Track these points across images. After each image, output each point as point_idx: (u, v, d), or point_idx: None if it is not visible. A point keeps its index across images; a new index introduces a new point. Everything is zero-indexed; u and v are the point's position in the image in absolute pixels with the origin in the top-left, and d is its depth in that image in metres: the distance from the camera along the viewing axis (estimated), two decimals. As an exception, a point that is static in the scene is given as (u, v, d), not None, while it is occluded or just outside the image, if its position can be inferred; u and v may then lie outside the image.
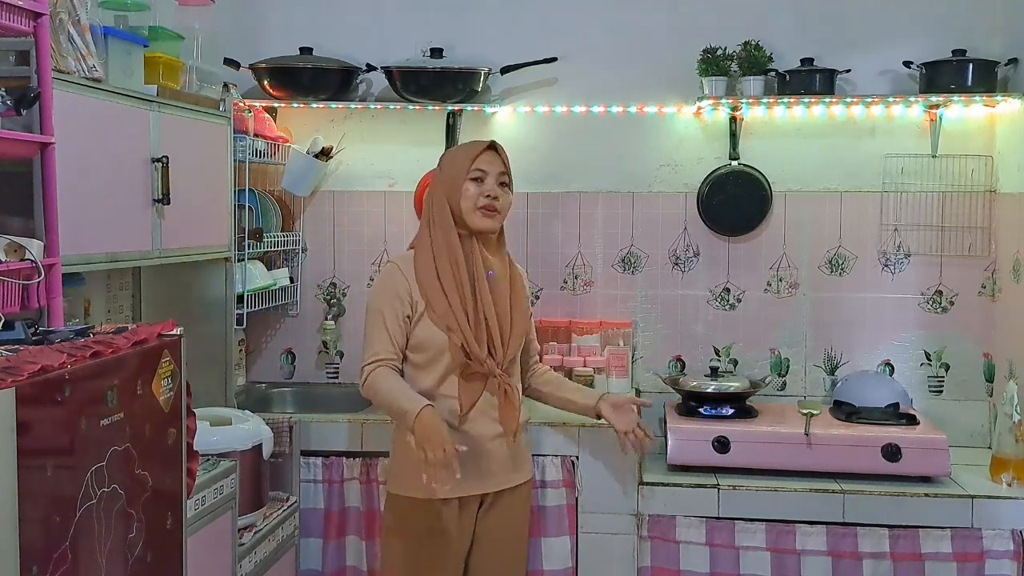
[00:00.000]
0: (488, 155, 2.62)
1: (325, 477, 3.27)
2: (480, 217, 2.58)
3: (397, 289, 2.58)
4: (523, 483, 2.69)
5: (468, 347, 2.53)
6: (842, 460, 3.13)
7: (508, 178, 2.64)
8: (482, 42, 3.67)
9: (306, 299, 3.85)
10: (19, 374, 1.47)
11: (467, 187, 2.58)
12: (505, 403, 2.58)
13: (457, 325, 2.54)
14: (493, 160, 2.62)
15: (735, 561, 3.09)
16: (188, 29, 2.99)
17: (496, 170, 2.61)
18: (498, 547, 2.66)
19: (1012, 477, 3.08)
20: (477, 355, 2.54)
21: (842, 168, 3.62)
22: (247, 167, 3.31)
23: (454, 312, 2.54)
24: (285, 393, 3.79)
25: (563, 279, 3.76)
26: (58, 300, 2.13)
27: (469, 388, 2.57)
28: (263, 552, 2.96)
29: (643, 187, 3.70)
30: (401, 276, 2.59)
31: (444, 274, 2.56)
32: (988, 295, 3.58)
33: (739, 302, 3.69)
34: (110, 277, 3.12)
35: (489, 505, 2.63)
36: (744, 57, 3.48)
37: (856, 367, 3.63)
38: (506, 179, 2.63)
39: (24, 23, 2.04)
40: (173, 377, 1.94)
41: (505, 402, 2.58)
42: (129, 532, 1.78)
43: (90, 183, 2.37)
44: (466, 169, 2.59)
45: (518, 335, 2.64)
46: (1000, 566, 2.98)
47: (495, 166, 2.61)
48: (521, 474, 2.68)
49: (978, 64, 3.35)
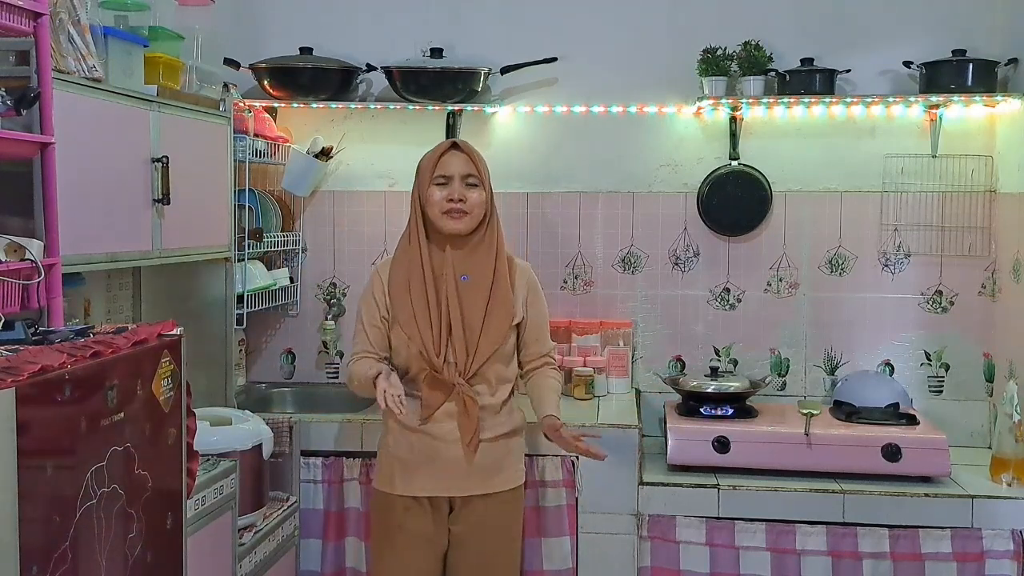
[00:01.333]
0: (451, 157, 2.61)
1: (325, 477, 3.27)
2: (448, 220, 2.58)
3: (374, 292, 2.67)
4: (496, 492, 2.64)
5: (426, 355, 2.55)
6: (842, 460, 3.13)
7: (478, 178, 2.60)
8: (482, 42, 3.67)
9: (306, 299, 3.85)
10: (19, 374, 1.47)
11: (432, 192, 2.58)
12: (462, 413, 2.57)
13: (417, 332, 2.56)
14: (457, 161, 2.60)
15: (735, 561, 3.09)
16: (188, 29, 2.99)
17: (460, 171, 2.59)
18: (474, 552, 2.65)
19: (1012, 477, 3.08)
20: (434, 363, 2.56)
21: (842, 168, 3.62)
22: (247, 167, 3.31)
23: (417, 319, 2.57)
24: (285, 393, 3.79)
25: (563, 279, 3.76)
26: (58, 300, 2.13)
27: (432, 394, 2.59)
28: (263, 552, 2.96)
29: (643, 187, 3.70)
30: (379, 281, 2.67)
31: (413, 281, 2.59)
32: (988, 295, 3.58)
33: (739, 302, 3.69)
34: (110, 277, 3.12)
35: (459, 509, 2.64)
36: (744, 57, 3.48)
37: (856, 367, 3.63)
38: (474, 179, 2.60)
39: (24, 23, 2.04)
40: (173, 377, 1.94)
41: (463, 412, 2.57)
42: (129, 532, 1.78)
43: (90, 183, 2.37)
44: (430, 173, 2.60)
45: (490, 342, 2.59)
46: (1000, 566, 2.98)
47: (459, 167, 2.59)
48: (500, 482, 2.65)
49: (978, 64, 3.35)
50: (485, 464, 2.62)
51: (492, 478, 2.64)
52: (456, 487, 2.62)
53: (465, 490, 2.62)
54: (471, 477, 2.61)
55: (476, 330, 2.58)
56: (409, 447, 2.63)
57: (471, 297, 2.60)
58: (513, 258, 2.73)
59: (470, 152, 2.63)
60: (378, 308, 2.65)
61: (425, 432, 2.60)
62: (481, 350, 2.58)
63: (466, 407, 2.57)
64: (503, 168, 3.44)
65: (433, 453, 2.60)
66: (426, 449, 2.60)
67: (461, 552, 2.66)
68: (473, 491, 2.62)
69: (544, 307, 2.77)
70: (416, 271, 2.60)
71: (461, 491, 2.62)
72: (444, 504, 2.64)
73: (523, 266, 2.75)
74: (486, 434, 2.61)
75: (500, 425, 2.65)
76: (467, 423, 2.57)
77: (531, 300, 2.71)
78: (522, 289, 2.70)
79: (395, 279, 2.64)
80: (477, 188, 2.60)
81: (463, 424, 2.57)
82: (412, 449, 2.62)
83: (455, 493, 2.63)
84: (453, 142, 2.67)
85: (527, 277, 2.73)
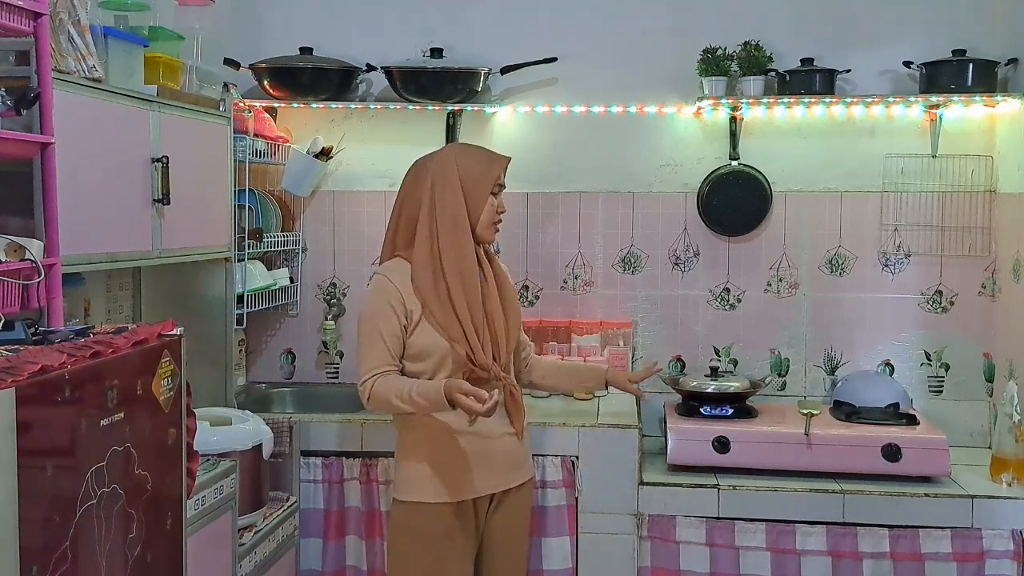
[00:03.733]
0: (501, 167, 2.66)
1: (325, 477, 3.27)
2: (493, 231, 2.64)
3: (390, 300, 2.53)
4: (526, 481, 2.72)
5: (474, 356, 2.54)
6: (842, 460, 3.13)
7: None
8: (482, 42, 3.67)
9: (306, 299, 3.85)
10: (19, 374, 1.47)
11: (490, 201, 2.60)
12: (511, 403, 2.63)
13: (462, 335, 2.53)
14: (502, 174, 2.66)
15: (735, 561, 3.09)
16: (188, 29, 2.99)
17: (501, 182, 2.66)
18: (504, 546, 2.69)
19: (1012, 477, 3.08)
20: (483, 363, 2.55)
21: (842, 168, 3.62)
22: (247, 167, 3.31)
23: (461, 322, 2.52)
24: (285, 393, 3.79)
25: (563, 279, 3.76)
26: (58, 300, 2.13)
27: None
28: (263, 552, 2.96)
29: (643, 187, 3.71)
30: (392, 287, 2.54)
31: (453, 284, 2.52)
32: (988, 295, 3.58)
33: (739, 302, 3.69)
34: (110, 277, 3.12)
35: (496, 504, 2.65)
36: (744, 57, 3.48)
37: (856, 367, 3.63)
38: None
39: (24, 23, 2.04)
40: (173, 377, 1.94)
41: (511, 402, 2.63)
42: (129, 532, 1.78)
43: (90, 183, 2.37)
44: (491, 182, 2.60)
45: (513, 336, 2.68)
46: (1000, 566, 2.98)
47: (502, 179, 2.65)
48: (523, 472, 2.71)
49: (978, 64, 3.35)
50: (519, 454, 2.68)
51: (524, 466, 2.71)
52: (506, 480, 2.64)
53: (511, 481, 2.65)
54: (515, 468, 2.66)
55: (502, 326, 2.63)
56: (460, 450, 2.57)
57: (492, 294, 2.64)
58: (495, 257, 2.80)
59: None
60: (397, 317, 2.54)
61: (474, 432, 2.57)
62: (509, 344, 2.65)
63: (513, 396, 2.62)
64: (503, 168, 3.45)
65: (485, 451, 2.59)
66: (478, 448, 2.58)
67: (495, 544, 2.67)
68: (516, 481, 2.67)
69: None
70: (456, 275, 2.54)
71: (509, 483, 2.65)
72: (486, 501, 2.63)
73: (503, 265, 2.81)
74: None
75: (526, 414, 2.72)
76: (517, 411, 2.63)
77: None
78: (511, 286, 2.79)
79: (423, 280, 2.54)
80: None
81: (514, 413, 2.63)
82: (465, 452, 2.57)
83: (505, 487, 2.64)
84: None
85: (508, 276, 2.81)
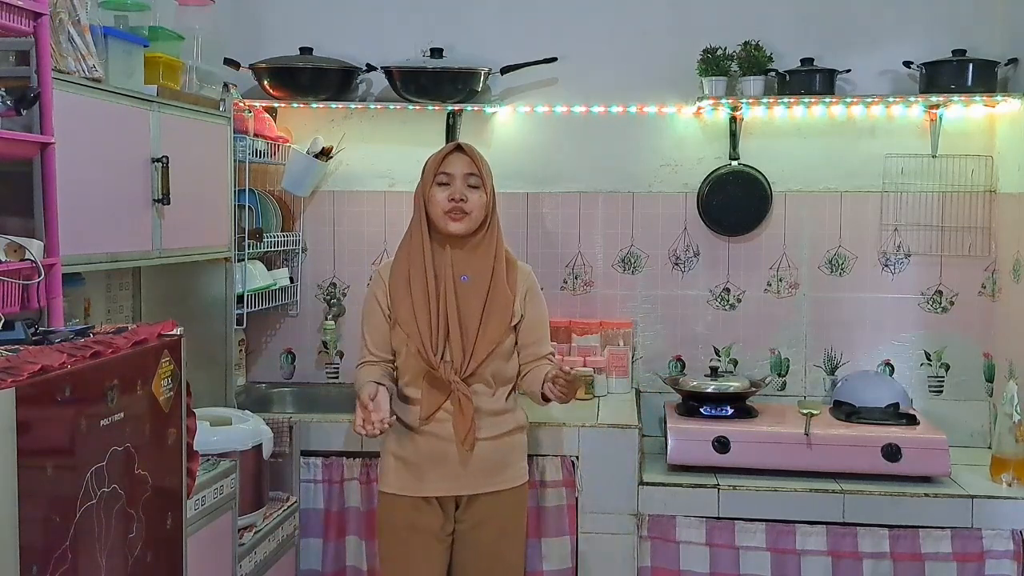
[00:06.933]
0: (455, 157, 2.63)
1: (325, 477, 3.27)
2: (449, 220, 2.59)
3: (376, 294, 2.69)
4: (507, 489, 2.66)
5: (424, 353, 2.57)
6: (842, 460, 3.13)
7: (479, 179, 2.62)
8: (482, 42, 3.67)
9: (306, 299, 3.85)
10: (19, 374, 1.47)
11: (434, 192, 2.61)
12: (457, 412, 2.58)
13: (416, 330, 2.58)
14: (459, 162, 2.62)
15: (735, 561, 3.09)
16: (188, 29, 2.99)
17: (462, 171, 2.61)
18: (479, 549, 2.67)
19: (1012, 477, 3.08)
20: (431, 361, 2.57)
21: (842, 168, 3.62)
22: (247, 167, 3.31)
23: (416, 318, 2.58)
24: (285, 393, 3.79)
25: (563, 279, 3.76)
26: (58, 300, 2.13)
27: (432, 393, 2.60)
28: (263, 552, 2.96)
29: (643, 187, 3.70)
30: (380, 281, 2.69)
31: (414, 280, 2.61)
32: (988, 295, 3.58)
33: (739, 302, 3.69)
34: (110, 277, 3.12)
35: (465, 507, 2.65)
36: (744, 57, 3.48)
37: (856, 367, 3.63)
38: (476, 180, 2.62)
39: (24, 23, 2.04)
40: (173, 377, 1.93)
41: (457, 411, 2.58)
42: (129, 532, 1.78)
43: (90, 183, 2.37)
44: (433, 174, 2.62)
45: (489, 341, 2.60)
46: (1000, 566, 2.98)
47: (462, 167, 2.61)
48: (503, 480, 2.66)
49: (978, 64, 3.35)
50: (489, 462, 2.63)
51: (496, 476, 2.65)
52: (462, 486, 2.63)
53: (471, 488, 2.63)
54: (476, 476, 2.63)
55: (473, 330, 2.59)
56: (415, 448, 2.63)
57: (469, 297, 2.61)
58: (515, 260, 2.73)
59: (473, 154, 2.64)
60: (381, 309, 2.67)
61: (430, 433, 2.61)
62: (478, 350, 2.59)
63: (461, 406, 2.57)
64: (503, 168, 3.43)
65: (439, 453, 2.60)
66: (432, 449, 2.61)
67: (466, 549, 2.67)
68: (479, 489, 2.63)
69: (543, 310, 2.76)
70: (417, 270, 2.62)
71: (468, 490, 2.64)
72: (451, 503, 2.66)
73: (524, 268, 2.75)
74: (488, 432, 2.62)
75: (502, 423, 2.65)
76: (461, 422, 2.58)
77: (529, 301, 2.70)
78: (521, 291, 2.69)
79: (396, 279, 2.66)
80: (478, 190, 2.61)
81: (457, 423, 2.58)
82: (418, 450, 2.63)
83: (462, 492, 2.64)
84: (458, 144, 2.69)
85: (527, 280, 2.73)
